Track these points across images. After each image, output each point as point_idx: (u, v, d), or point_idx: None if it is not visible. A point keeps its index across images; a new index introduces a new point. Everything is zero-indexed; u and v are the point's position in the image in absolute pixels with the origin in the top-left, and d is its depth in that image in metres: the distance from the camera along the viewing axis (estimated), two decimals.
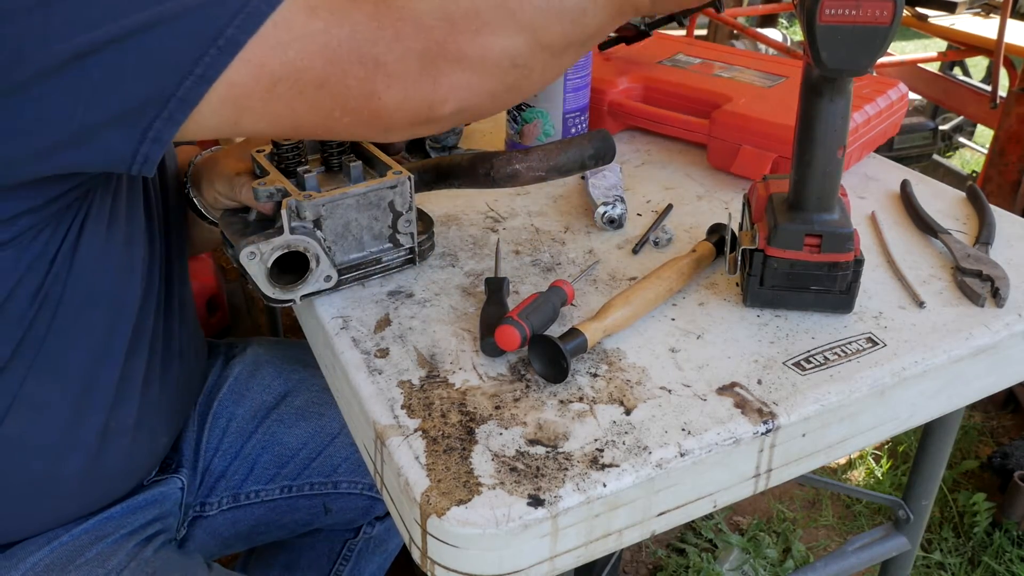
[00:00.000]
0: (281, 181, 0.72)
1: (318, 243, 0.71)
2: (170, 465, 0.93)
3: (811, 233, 0.70)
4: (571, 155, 0.78)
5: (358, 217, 0.73)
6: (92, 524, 0.81)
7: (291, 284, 0.72)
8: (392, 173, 0.74)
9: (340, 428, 1.02)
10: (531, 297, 0.69)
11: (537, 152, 0.77)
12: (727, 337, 0.70)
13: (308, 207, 0.70)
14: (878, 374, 0.66)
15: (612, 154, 0.79)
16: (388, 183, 0.73)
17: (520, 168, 0.77)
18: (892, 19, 0.59)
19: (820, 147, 0.68)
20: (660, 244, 0.85)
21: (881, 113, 1.00)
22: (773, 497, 1.83)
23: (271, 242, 0.69)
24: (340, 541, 1.15)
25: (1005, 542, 1.67)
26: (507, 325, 0.65)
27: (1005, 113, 2.09)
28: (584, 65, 0.98)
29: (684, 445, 0.59)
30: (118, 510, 0.83)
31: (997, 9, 2.42)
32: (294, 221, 0.70)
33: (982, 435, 1.98)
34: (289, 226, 0.70)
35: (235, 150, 0.83)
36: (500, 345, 0.65)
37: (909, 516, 1.02)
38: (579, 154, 0.78)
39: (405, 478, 0.56)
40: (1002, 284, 0.75)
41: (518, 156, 0.77)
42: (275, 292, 0.71)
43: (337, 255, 0.74)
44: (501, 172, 0.77)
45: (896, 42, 4.83)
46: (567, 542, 0.56)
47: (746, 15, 3.24)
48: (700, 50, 1.20)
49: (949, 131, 3.40)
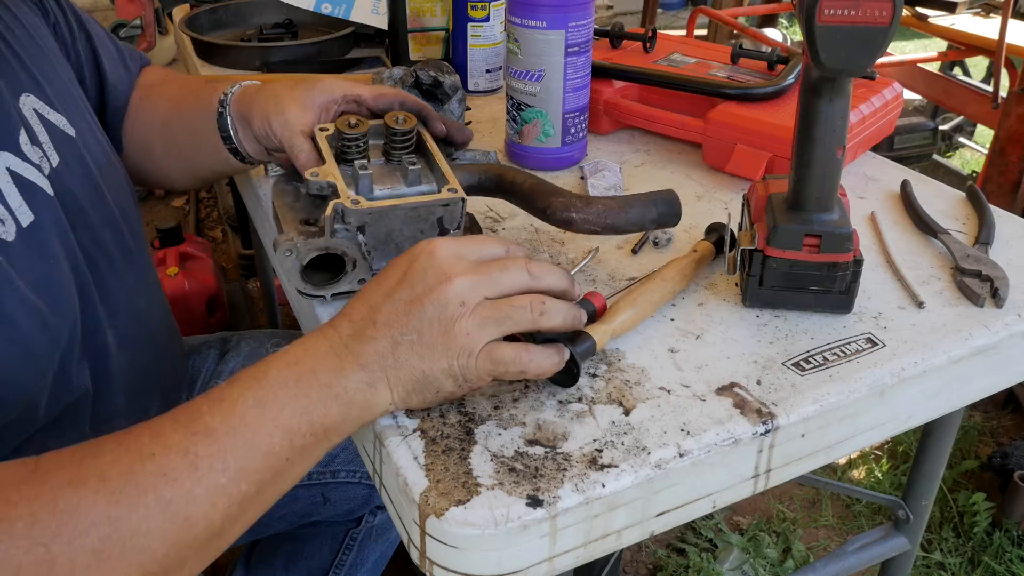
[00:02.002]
0: (335, 176, 0.69)
1: (358, 248, 0.69)
2: None
3: (810, 233, 0.70)
4: (631, 216, 0.74)
5: (403, 228, 0.70)
6: None
7: (323, 281, 0.70)
8: (447, 190, 0.70)
9: None
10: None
11: (598, 206, 0.74)
12: (726, 337, 0.70)
13: (354, 214, 0.67)
14: (878, 374, 0.66)
15: (676, 220, 0.76)
16: (441, 201, 0.69)
17: (575, 218, 0.74)
18: (891, 19, 0.59)
19: (819, 147, 0.67)
20: (660, 244, 0.85)
21: (876, 112, 1.00)
22: (773, 497, 1.83)
23: (310, 243, 0.67)
24: (342, 531, 1.15)
25: (1005, 542, 1.67)
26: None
27: (1005, 113, 2.09)
28: (584, 65, 0.98)
29: (683, 445, 0.59)
30: None
31: (997, 9, 2.42)
32: (337, 223, 0.67)
33: (982, 435, 1.98)
34: (331, 228, 0.67)
35: (300, 94, 0.77)
36: None
37: (909, 516, 1.02)
38: (640, 216, 0.74)
39: (404, 478, 0.56)
40: (1001, 284, 0.75)
41: (578, 205, 0.74)
42: (306, 287, 0.69)
43: (375, 261, 0.71)
44: (556, 216, 0.75)
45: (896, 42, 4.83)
46: (566, 542, 0.56)
47: (746, 15, 3.24)
48: (696, 49, 1.20)
49: (949, 131, 3.39)
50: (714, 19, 3.00)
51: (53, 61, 0.80)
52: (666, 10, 5.46)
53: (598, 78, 1.08)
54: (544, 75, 0.96)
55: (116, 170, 0.84)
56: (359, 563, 1.17)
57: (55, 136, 0.74)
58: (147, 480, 0.50)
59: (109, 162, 0.83)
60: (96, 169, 0.79)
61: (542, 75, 0.96)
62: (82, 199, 0.75)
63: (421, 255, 0.58)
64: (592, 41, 0.98)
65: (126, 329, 0.80)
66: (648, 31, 1.19)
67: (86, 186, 0.77)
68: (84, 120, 0.80)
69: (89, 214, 0.76)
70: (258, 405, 0.54)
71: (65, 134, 0.76)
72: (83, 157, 0.77)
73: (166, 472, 0.51)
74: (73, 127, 0.77)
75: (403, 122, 0.74)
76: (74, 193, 0.74)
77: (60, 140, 0.74)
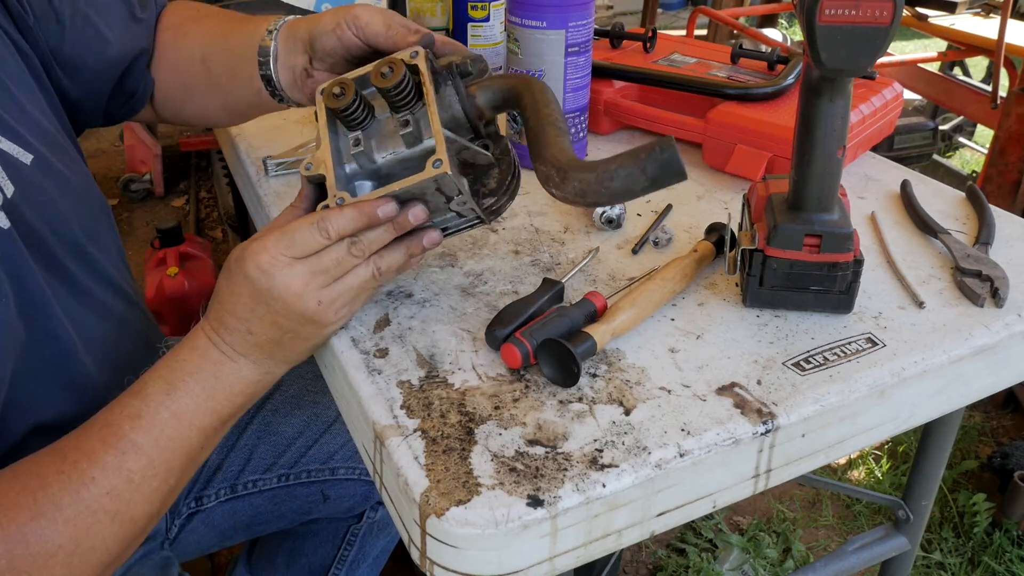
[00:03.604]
0: (327, 167, 0.67)
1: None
2: None
3: (811, 233, 0.70)
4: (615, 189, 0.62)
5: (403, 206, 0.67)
6: None
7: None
8: (432, 165, 0.63)
9: (335, 415, 1.02)
10: (550, 311, 0.69)
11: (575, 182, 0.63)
12: (726, 337, 0.70)
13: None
14: (878, 374, 0.66)
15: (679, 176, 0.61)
16: (427, 178, 0.64)
17: (555, 193, 0.65)
18: (892, 19, 0.59)
19: (820, 147, 0.67)
20: (660, 244, 0.85)
21: (876, 112, 1.01)
22: (773, 497, 1.83)
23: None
24: (343, 527, 1.15)
25: (1005, 542, 1.67)
26: (510, 344, 0.65)
27: (1005, 113, 2.09)
28: (584, 65, 0.98)
29: (683, 445, 0.59)
30: None
31: (997, 9, 2.42)
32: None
33: (982, 435, 1.98)
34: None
35: (336, 20, 0.75)
36: (504, 360, 0.66)
37: (909, 516, 1.02)
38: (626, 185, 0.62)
39: (404, 478, 0.56)
40: (1001, 284, 0.75)
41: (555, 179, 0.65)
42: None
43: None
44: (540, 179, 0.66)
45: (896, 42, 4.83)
46: (566, 542, 0.56)
47: (746, 15, 3.24)
48: (696, 49, 1.20)
49: (949, 131, 3.39)
50: (714, 19, 3.00)
51: (8, 85, 0.75)
52: (666, 10, 5.46)
53: (598, 78, 1.08)
54: (544, 75, 0.96)
55: (82, 188, 0.82)
56: (360, 559, 1.17)
57: (9, 166, 0.71)
58: (95, 502, 0.61)
59: (75, 183, 0.80)
60: (58, 194, 0.76)
61: (542, 75, 0.96)
62: (40, 228, 0.73)
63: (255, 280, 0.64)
64: (592, 41, 0.98)
65: (103, 354, 0.79)
66: (648, 31, 1.19)
67: (47, 213, 0.74)
68: (46, 140, 0.77)
69: (49, 243, 0.74)
70: (174, 418, 0.64)
71: (20, 162, 0.73)
72: (40, 185, 0.74)
73: (109, 492, 0.61)
74: (30, 152, 0.74)
75: (390, 74, 0.66)
76: (31, 223, 0.72)
77: (13, 169, 0.71)
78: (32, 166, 0.74)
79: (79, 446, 0.62)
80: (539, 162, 0.66)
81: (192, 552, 1.02)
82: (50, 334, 0.73)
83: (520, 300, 0.71)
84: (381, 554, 1.21)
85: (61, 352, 0.74)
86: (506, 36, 0.99)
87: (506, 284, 0.78)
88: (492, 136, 0.74)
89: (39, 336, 0.71)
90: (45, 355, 0.72)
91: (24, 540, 0.58)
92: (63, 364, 0.74)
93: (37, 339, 0.71)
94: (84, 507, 0.60)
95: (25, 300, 0.70)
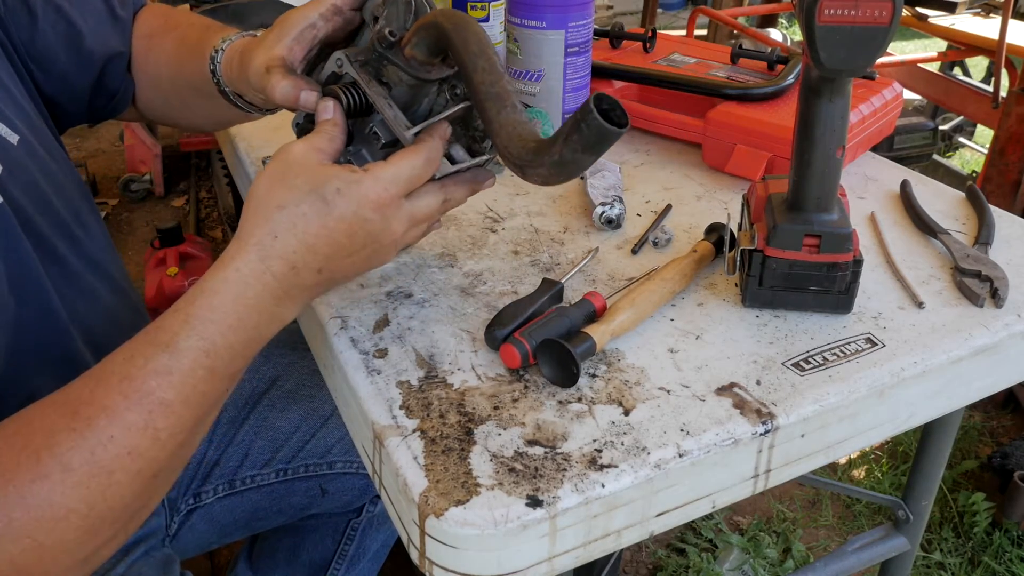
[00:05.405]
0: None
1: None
2: None
3: (810, 233, 0.70)
4: (544, 171, 0.60)
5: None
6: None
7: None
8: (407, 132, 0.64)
9: (332, 410, 1.02)
10: (549, 311, 0.69)
11: (508, 161, 0.62)
12: (726, 337, 0.70)
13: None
14: (877, 374, 0.66)
15: (612, 134, 0.56)
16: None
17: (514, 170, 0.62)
18: (891, 19, 0.59)
19: (819, 147, 0.68)
20: (659, 244, 0.85)
21: (876, 112, 1.00)
22: (773, 497, 1.83)
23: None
24: (343, 522, 1.16)
25: (1005, 542, 1.67)
26: (509, 344, 0.65)
27: (1005, 113, 2.09)
28: (584, 65, 0.98)
29: (683, 446, 0.59)
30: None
31: (997, 9, 2.42)
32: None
33: (982, 435, 1.98)
34: None
35: (264, 40, 0.72)
36: (504, 361, 0.66)
37: (909, 516, 1.02)
38: (563, 164, 0.59)
39: (403, 478, 0.56)
40: (1001, 284, 0.75)
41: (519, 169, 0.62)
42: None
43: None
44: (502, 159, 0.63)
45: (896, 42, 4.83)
46: (566, 542, 0.56)
47: (746, 15, 3.24)
48: (696, 49, 1.20)
49: (949, 131, 3.39)
50: (714, 19, 3.00)
51: None
52: (666, 10, 5.46)
53: (598, 78, 1.08)
54: (544, 75, 0.96)
55: (63, 174, 0.81)
56: (361, 553, 1.17)
57: None
58: (114, 462, 0.55)
59: (55, 168, 0.80)
60: (41, 176, 0.76)
61: (542, 75, 0.96)
62: (28, 208, 0.73)
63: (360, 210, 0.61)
64: (592, 41, 0.98)
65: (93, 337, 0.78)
66: (648, 31, 1.19)
67: (33, 193, 0.74)
68: (29, 125, 0.77)
69: (37, 222, 0.74)
70: (210, 375, 0.59)
71: (7, 142, 0.73)
72: (26, 165, 0.74)
73: (131, 451, 0.55)
74: (16, 133, 0.74)
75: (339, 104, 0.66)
76: (19, 201, 0.71)
77: (1, 149, 0.71)
78: (18, 146, 0.74)
79: (92, 400, 0.56)
80: (496, 149, 0.63)
81: (193, 549, 1.02)
82: (44, 309, 0.72)
83: (519, 300, 0.71)
84: (380, 549, 1.21)
85: (54, 329, 0.73)
86: (506, 36, 0.99)
87: (505, 284, 0.78)
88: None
89: (33, 311, 0.70)
90: (38, 329, 0.71)
91: (23, 503, 0.52)
92: (56, 339, 0.73)
93: (31, 314, 0.70)
94: (100, 468, 0.54)
95: (18, 274, 0.69)
